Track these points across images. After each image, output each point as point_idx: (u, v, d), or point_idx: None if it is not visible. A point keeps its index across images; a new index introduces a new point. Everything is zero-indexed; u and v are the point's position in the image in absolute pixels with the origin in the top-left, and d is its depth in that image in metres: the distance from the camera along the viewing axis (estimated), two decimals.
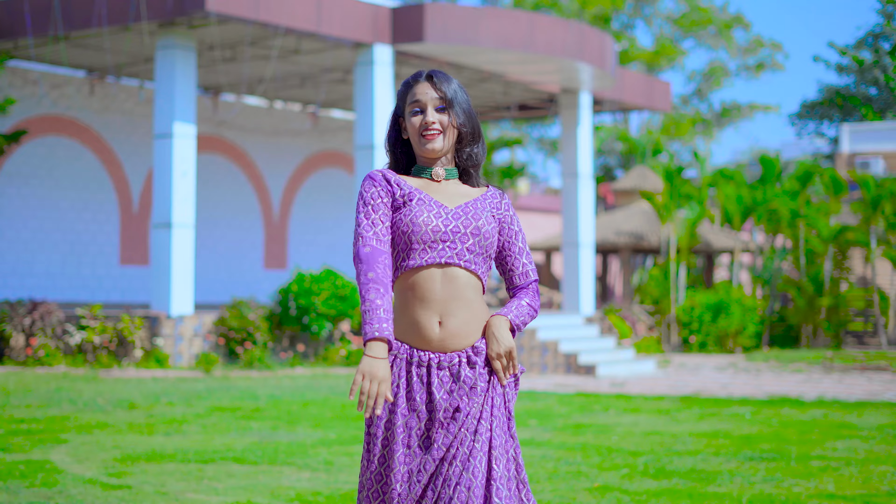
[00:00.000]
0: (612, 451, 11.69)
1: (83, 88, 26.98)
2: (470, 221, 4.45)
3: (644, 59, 55.54)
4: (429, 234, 4.40)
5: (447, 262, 4.41)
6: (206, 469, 10.23)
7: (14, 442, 11.63)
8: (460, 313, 4.39)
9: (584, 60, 25.00)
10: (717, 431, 13.52)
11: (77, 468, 10.14)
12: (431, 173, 4.57)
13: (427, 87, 4.55)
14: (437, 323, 4.39)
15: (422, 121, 4.51)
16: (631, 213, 35.94)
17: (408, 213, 4.42)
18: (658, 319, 30.24)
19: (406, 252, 4.44)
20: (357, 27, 22.66)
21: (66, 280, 26.20)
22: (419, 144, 4.53)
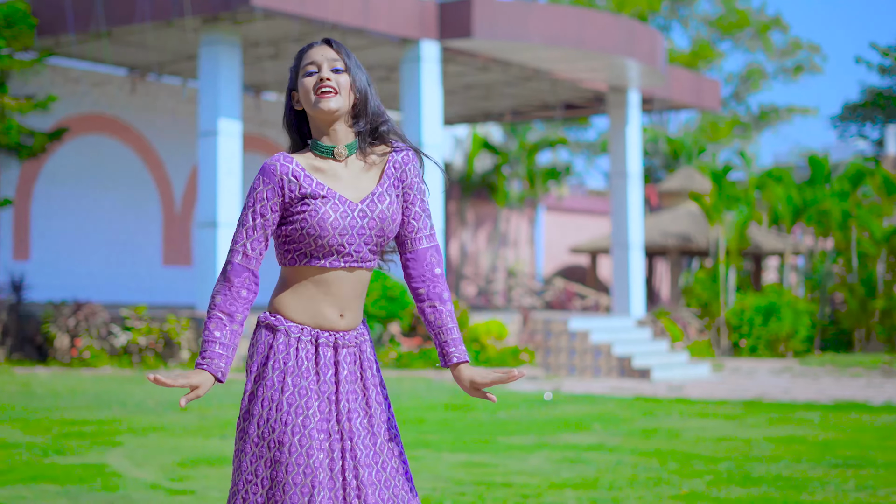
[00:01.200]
0: (689, 457, 11.22)
1: (125, 86, 26.65)
2: (375, 221, 4.20)
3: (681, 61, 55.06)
4: (336, 237, 4.14)
5: (353, 265, 4.20)
6: None
7: (68, 444, 11.23)
8: (357, 308, 4.27)
9: (634, 57, 24.53)
10: (791, 437, 13.04)
11: (136, 472, 9.73)
12: (333, 152, 4.24)
13: (324, 49, 4.27)
14: (339, 315, 4.22)
15: (317, 79, 4.20)
16: (678, 215, 35.44)
17: (313, 215, 4.13)
18: (707, 323, 29.73)
19: (310, 250, 4.16)
20: (404, 22, 22.25)
21: (109, 281, 25.86)
22: (312, 104, 4.20)
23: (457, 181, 36.86)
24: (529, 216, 40.20)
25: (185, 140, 26.98)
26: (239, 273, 4.16)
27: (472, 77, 27.22)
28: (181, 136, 27.24)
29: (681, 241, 34.04)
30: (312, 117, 4.23)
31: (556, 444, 12.15)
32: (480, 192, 38.01)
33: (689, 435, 13.15)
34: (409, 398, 16.69)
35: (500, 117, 33.10)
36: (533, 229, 40.41)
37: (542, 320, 23.10)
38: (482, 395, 4.19)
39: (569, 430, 13.42)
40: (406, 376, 20.07)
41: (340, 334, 4.20)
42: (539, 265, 40.49)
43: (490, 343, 21.67)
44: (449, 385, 18.81)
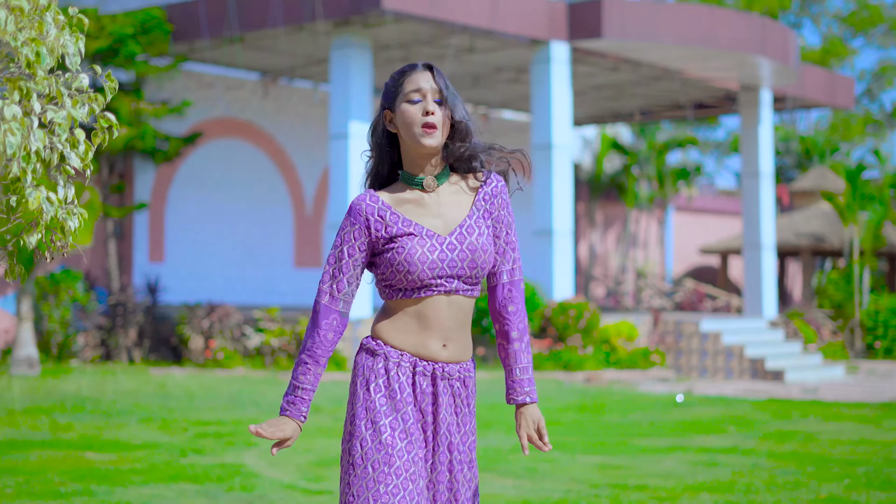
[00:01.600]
0: (827, 461, 11.05)
1: (257, 91, 26.95)
2: (465, 254, 4.16)
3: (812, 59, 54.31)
4: (425, 272, 4.11)
5: (448, 292, 4.16)
6: None
7: (205, 444, 11.39)
8: (462, 338, 4.23)
9: (766, 55, 24.25)
10: None
11: (273, 472, 9.84)
12: (423, 184, 4.20)
13: (428, 77, 4.19)
14: (442, 346, 4.19)
15: (424, 109, 4.14)
16: (810, 215, 34.94)
17: (400, 252, 4.11)
18: (840, 324, 29.28)
19: (402, 285, 4.15)
20: (533, 24, 22.21)
21: (242, 283, 26.16)
22: (415, 137, 4.14)
23: (586, 182, 36.73)
24: (659, 217, 39.93)
25: (317, 143, 27.20)
26: (326, 315, 4.20)
27: (601, 77, 27.10)
28: (312, 139, 27.47)
29: (813, 242, 33.56)
30: (408, 144, 4.18)
31: (691, 446, 12.05)
32: (609, 193, 37.84)
33: (825, 438, 12.97)
34: (541, 401, 16.65)
35: (629, 118, 32.93)
36: (662, 230, 40.13)
37: (672, 321, 22.93)
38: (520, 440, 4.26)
39: (703, 433, 13.30)
40: (536, 378, 20.04)
41: (440, 365, 4.17)
42: (668, 266, 40.20)
43: (620, 344, 21.56)
44: (580, 387, 18.76)
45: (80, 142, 4.39)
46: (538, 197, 22.53)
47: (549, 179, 22.40)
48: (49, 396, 15.60)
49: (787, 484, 9.68)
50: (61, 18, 4.34)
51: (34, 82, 4.21)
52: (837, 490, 9.40)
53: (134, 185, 24.39)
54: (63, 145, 4.34)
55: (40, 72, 4.20)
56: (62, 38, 4.29)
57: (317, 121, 27.31)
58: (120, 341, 21.71)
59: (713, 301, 34.83)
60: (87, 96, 4.40)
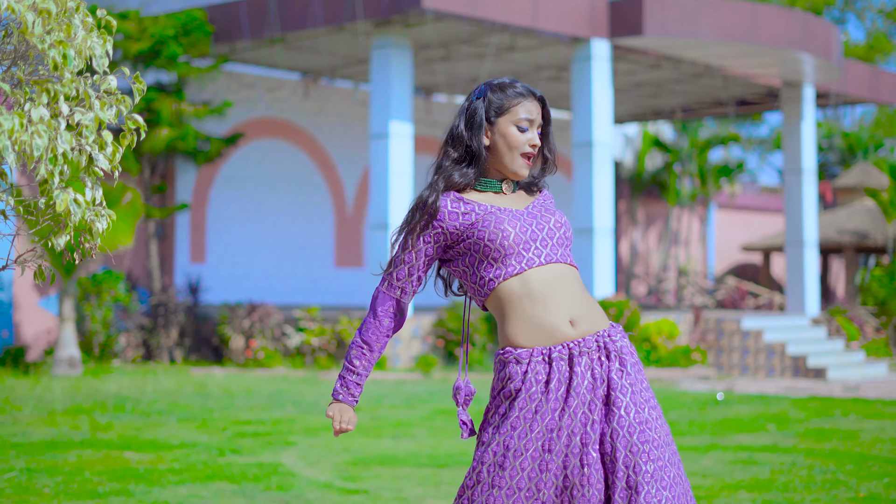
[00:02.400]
0: (867, 459, 11.00)
1: (298, 91, 27.02)
2: (547, 216, 4.28)
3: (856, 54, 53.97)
4: (519, 236, 4.17)
5: (548, 260, 4.19)
6: (442, 473, 9.86)
7: (243, 444, 11.43)
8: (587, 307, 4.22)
9: (809, 51, 24.12)
10: None
11: (310, 471, 9.86)
12: (502, 187, 4.33)
13: (538, 107, 4.33)
14: (570, 323, 4.16)
15: (529, 140, 4.27)
16: (853, 211, 34.74)
17: (487, 223, 4.17)
18: (884, 322, 29.08)
19: (500, 256, 4.15)
20: (574, 21, 22.17)
21: (282, 283, 26.24)
22: (513, 161, 4.27)
23: (627, 180, 36.64)
24: (701, 214, 39.79)
25: (357, 143, 27.25)
26: (383, 302, 4.27)
27: (642, 75, 27.03)
28: (353, 138, 27.52)
29: (857, 238, 33.36)
30: (499, 163, 4.29)
31: (729, 444, 12.01)
32: (651, 191, 37.73)
33: (865, 436, 12.89)
34: None
35: (670, 115, 32.82)
36: (704, 227, 39.99)
37: (714, 319, 22.85)
38: None
39: (742, 431, 13.25)
40: None
41: (575, 343, 4.12)
42: (710, 264, 40.05)
43: (661, 342, 21.50)
44: None
45: (107, 143, 4.42)
46: (579, 195, 22.50)
47: (589, 177, 22.37)
48: (90, 396, 15.70)
49: (825, 482, 9.63)
50: (90, 20, 4.37)
51: (61, 84, 4.24)
52: (878, 489, 9.34)
53: (175, 185, 24.50)
54: (91, 147, 4.36)
55: (67, 74, 4.22)
56: (90, 40, 4.31)
57: (357, 120, 27.36)
58: (161, 341, 21.82)
59: (755, 299, 34.67)
60: (115, 98, 4.43)
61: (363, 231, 27.52)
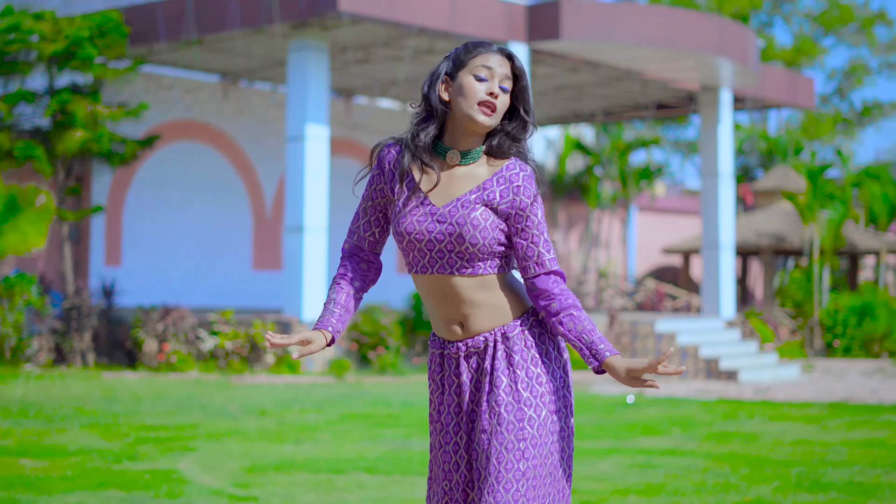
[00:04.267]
0: (762, 462, 11.11)
1: (217, 93, 26.93)
2: (453, 227, 4.03)
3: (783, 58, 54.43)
4: (413, 242, 4.09)
5: (439, 272, 4.10)
6: (337, 480, 9.86)
7: (142, 450, 11.37)
8: (479, 315, 4.12)
9: (726, 56, 24.32)
10: (871, 440, 12.88)
11: (204, 478, 9.84)
12: (447, 156, 4.13)
13: (503, 61, 4.11)
14: (459, 325, 4.15)
15: (487, 88, 4.04)
16: (772, 214, 35.05)
17: (394, 216, 4.15)
18: (800, 323, 29.39)
19: (403, 252, 4.18)
20: (491, 25, 22.24)
21: (200, 286, 26.14)
22: (470, 112, 4.04)
23: (549, 183, 36.77)
24: (622, 217, 40.01)
25: (276, 145, 27.20)
26: (352, 254, 4.30)
27: (562, 78, 27.15)
28: (272, 141, 27.47)
29: (775, 241, 33.66)
30: (455, 118, 4.12)
31: (630, 448, 12.09)
32: (572, 194, 37.89)
33: (767, 439, 13.03)
34: None
35: (591, 118, 32.98)
36: (625, 230, 40.22)
37: (628, 322, 22.99)
38: (643, 384, 4.02)
39: (646, 434, 13.34)
40: None
41: (463, 343, 4.13)
42: (631, 266, 40.28)
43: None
44: None
45: None
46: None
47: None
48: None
49: (717, 486, 9.72)
50: None
51: None
52: (766, 492, 9.43)
53: (91, 187, 24.36)
54: None
55: None
56: None
57: (276, 123, 27.31)
58: (74, 345, 21.64)
59: (674, 301, 34.92)
60: None
61: (282, 233, 27.46)
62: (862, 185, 33.22)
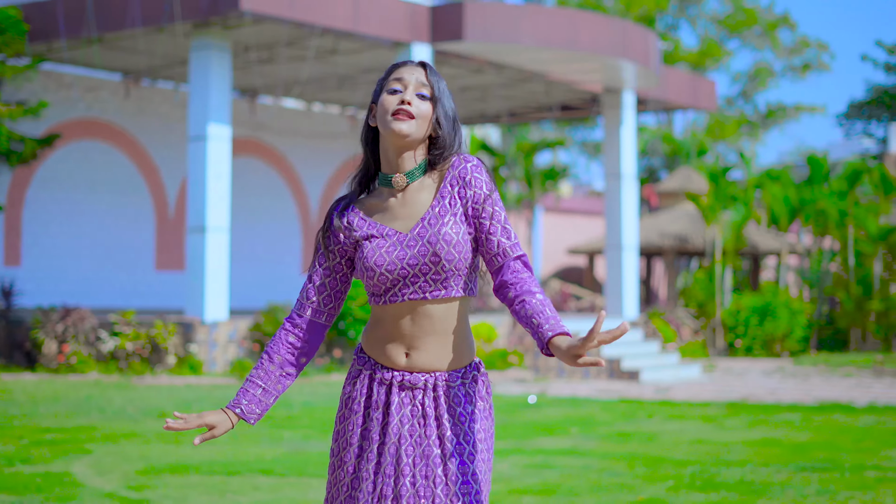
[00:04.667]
0: (658, 462, 11.21)
1: (118, 92, 26.67)
2: (426, 247, 3.91)
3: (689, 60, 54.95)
4: (384, 275, 3.93)
5: (411, 298, 3.96)
6: (231, 482, 9.81)
7: (37, 453, 11.24)
8: (432, 348, 3.98)
9: (628, 58, 24.49)
10: (766, 439, 13.04)
11: (97, 481, 9.74)
12: (392, 181, 4.02)
13: (416, 71, 4.02)
14: (405, 354, 4.00)
15: (400, 98, 3.95)
16: (675, 215, 35.36)
17: (360, 256, 3.99)
18: (703, 323, 29.67)
19: (372, 290, 4.02)
20: (395, 26, 22.23)
21: (102, 286, 25.88)
22: (388, 125, 3.94)
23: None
24: (527, 217, 40.16)
25: (179, 144, 26.98)
26: (291, 319, 4.13)
27: (466, 79, 27.19)
28: (174, 140, 27.25)
29: (678, 242, 33.97)
30: (383, 137, 4.02)
31: (529, 449, 12.13)
32: None
33: (665, 438, 13.14)
34: None
35: (496, 119, 33.07)
36: (530, 231, 40.37)
37: None
38: (590, 363, 3.64)
39: (546, 435, 13.40)
40: None
41: (400, 374, 3.98)
42: (536, 266, 40.44)
43: (479, 346, 21.65)
44: None
45: None
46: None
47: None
48: None
49: (612, 486, 9.78)
50: None
51: None
52: (659, 492, 9.51)
53: None
54: None
55: None
56: None
57: (179, 122, 27.10)
58: None
59: (578, 301, 35.11)
60: None
61: (185, 234, 27.27)
62: (764, 186, 33.58)
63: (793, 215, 32.25)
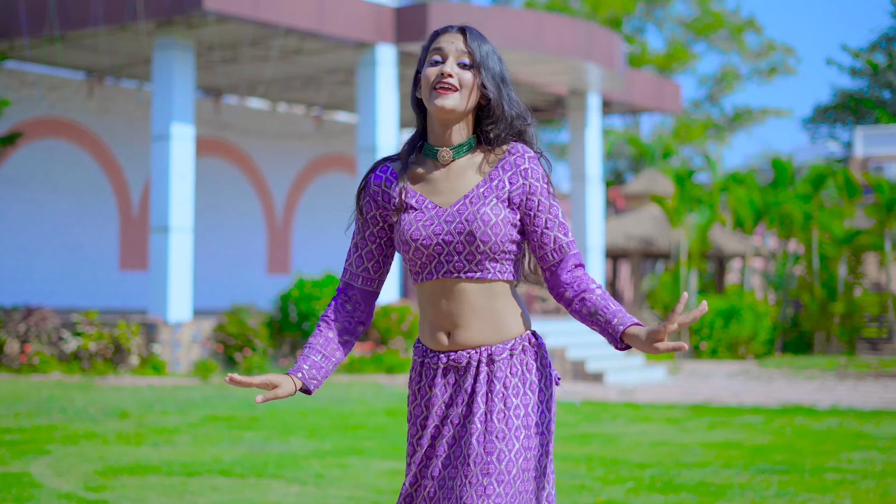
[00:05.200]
0: (618, 463, 11.19)
1: (81, 90, 26.54)
2: (462, 224, 3.79)
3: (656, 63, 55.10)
4: (420, 249, 3.83)
5: (445, 276, 3.86)
6: (191, 483, 9.74)
7: None
8: (473, 323, 3.86)
9: (593, 60, 24.53)
10: (727, 442, 13.04)
11: (56, 481, 9.66)
12: (437, 156, 3.91)
13: (455, 38, 3.87)
14: (446, 335, 3.89)
15: (439, 71, 3.84)
16: (641, 218, 35.41)
17: (399, 227, 3.89)
18: None
19: (410, 265, 3.93)
20: (359, 27, 22.20)
21: (65, 286, 25.75)
22: (429, 100, 3.84)
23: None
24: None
25: (143, 144, 26.86)
26: (342, 291, 4.04)
27: None
28: (138, 139, 27.13)
29: (644, 244, 34.02)
30: (430, 112, 3.92)
31: None
32: None
33: (626, 440, 13.14)
34: (355, 403, 16.66)
35: None
36: None
37: None
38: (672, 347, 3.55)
39: None
40: (357, 381, 20.05)
41: (445, 355, 3.89)
42: None
43: None
44: (400, 390, 18.74)
45: None
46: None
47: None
48: None
49: (571, 487, 9.76)
50: None
51: None
52: (618, 494, 9.50)
53: None
54: None
55: None
56: None
57: (143, 121, 26.98)
58: None
59: (543, 303, 35.13)
60: None
61: (149, 233, 27.16)
62: (729, 189, 33.69)
63: (758, 218, 32.35)
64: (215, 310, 23.14)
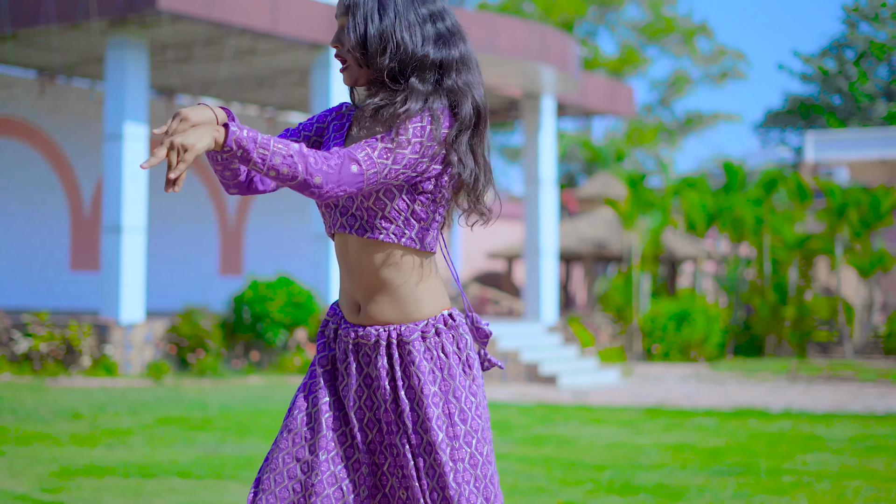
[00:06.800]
0: (575, 465, 11.20)
1: (33, 89, 26.33)
2: None
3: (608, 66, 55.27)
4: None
5: (340, 230, 3.60)
6: (147, 484, 9.67)
7: None
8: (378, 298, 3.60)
9: (547, 63, 24.55)
10: (682, 444, 13.08)
11: (9, 483, 9.57)
12: None
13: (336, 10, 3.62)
14: (357, 306, 3.64)
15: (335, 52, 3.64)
16: (594, 221, 35.51)
17: None
18: (621, 328, 29.80)
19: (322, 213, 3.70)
20: (313, 26, 22.12)
21: (15, 286, 25.54)
22: None
23: None
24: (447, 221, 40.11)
25: (95, 143, 26.69)
26: None
27: None
28: (90, 139, 26.94)
29: (596, 247, 34.11)
30: None
31: None
32: None
33: (581, 442, 13.15)
34: None
35: None
36: (450, 234, 40.38)
37: None
38: None
39: None
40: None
41: (354, 330, 3.62)
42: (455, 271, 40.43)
43: None
44: None
45: None
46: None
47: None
48: None
49: (529, 489, 9.75)
50: None
51: None
52: (577, 495, 9.50)
53: None
54: None
55: None
56: None
57: (95, 120, 26.79)
58: None
59: (496, 305, 35.16)
60: None
61: (100, 234, 26.98)
62: (681, 193, 33.81)
63: (710, 222, 32.50)
64: (168, 311, 23.00)
